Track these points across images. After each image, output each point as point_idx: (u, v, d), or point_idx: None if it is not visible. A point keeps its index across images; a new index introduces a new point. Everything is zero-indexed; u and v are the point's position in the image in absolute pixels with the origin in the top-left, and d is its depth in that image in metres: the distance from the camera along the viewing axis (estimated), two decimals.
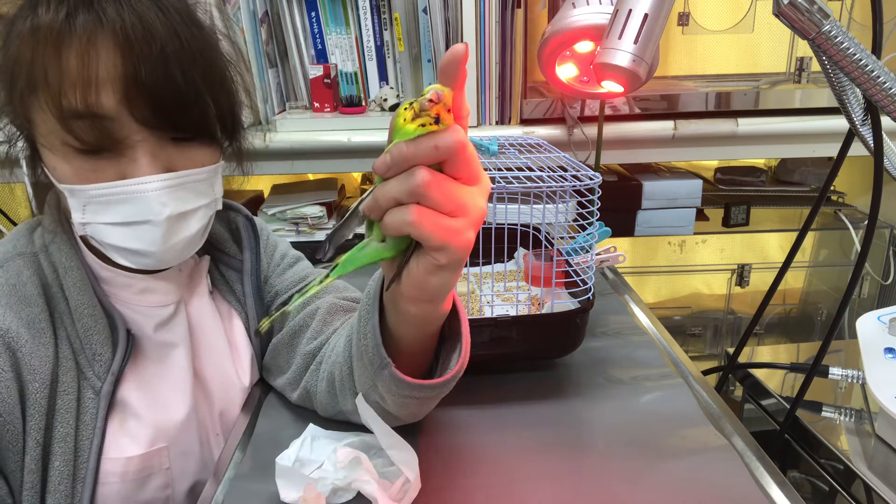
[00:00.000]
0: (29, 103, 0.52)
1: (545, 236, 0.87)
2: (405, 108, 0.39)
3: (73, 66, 0.49)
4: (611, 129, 1.18)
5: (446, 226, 0.40)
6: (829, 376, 0.81)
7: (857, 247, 1.40)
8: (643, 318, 0.89)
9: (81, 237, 0.61)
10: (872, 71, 0.60)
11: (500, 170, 0.71)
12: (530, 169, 0.72)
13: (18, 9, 0.52)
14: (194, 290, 0.68)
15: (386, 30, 1.23)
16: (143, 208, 0.53)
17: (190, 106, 0.53)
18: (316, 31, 1.24)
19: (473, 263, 0.84)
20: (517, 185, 0.67)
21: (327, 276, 0.45)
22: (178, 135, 0.55)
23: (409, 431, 0.64)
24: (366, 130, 1.21)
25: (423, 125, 0.38)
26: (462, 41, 1.12)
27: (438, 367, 0.55)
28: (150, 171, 0.53)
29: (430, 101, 0.37)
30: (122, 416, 0.60)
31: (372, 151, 1.20)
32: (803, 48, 1.21)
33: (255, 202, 1.39)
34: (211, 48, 0.55)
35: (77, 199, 0.54)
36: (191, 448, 0.64)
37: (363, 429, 0.63)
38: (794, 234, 0.84)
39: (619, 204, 1.30)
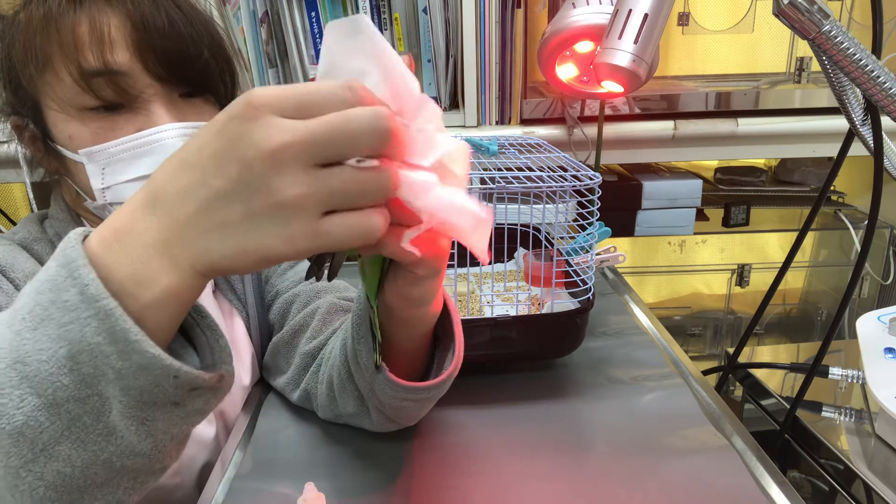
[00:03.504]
0: (40, 82, 0.55)
1: (545, 236, 0.87)
2: None
3: (86, 31, 0.54)
4: (611, 129, 1.18)
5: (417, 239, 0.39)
6: (829, 376, 0.81)
7: (857, 247, 1.40)
8: (643, 318, 0.89)
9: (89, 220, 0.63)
10: (872, 71, 0.60)
11: (500, 170, 0.71)
12: (530, 169, 0.72)
13: (21, 4, 0.56)
14: None
15: (386, 30, 1.23)
16: (166, 157, 0.56)
17: (195, 59, 0.58)
18: (316, 31, 1.24)
19: (473, 263, 0.83)
20: (517, 185, 0.67)
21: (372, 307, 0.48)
22: (187, 89, 0.59)
23: (409, 431, 0.64)
24: None
25: None
26: (462, 41, 1.12)
27: (434, 367, 0.55)
28: (168, 121, 0.57)
29: None
30: None
31: None
32: (803, 48, 1.21)
33: None
34: (203, 13, 0.61)
35: (96, 164, 0.56)
36: (201, 437, 0.64)
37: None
38: (794, 234, 0.84)
39: (619, 204, 1.30)
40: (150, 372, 0.33)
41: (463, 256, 0.72)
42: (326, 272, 0.43)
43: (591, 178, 0.67)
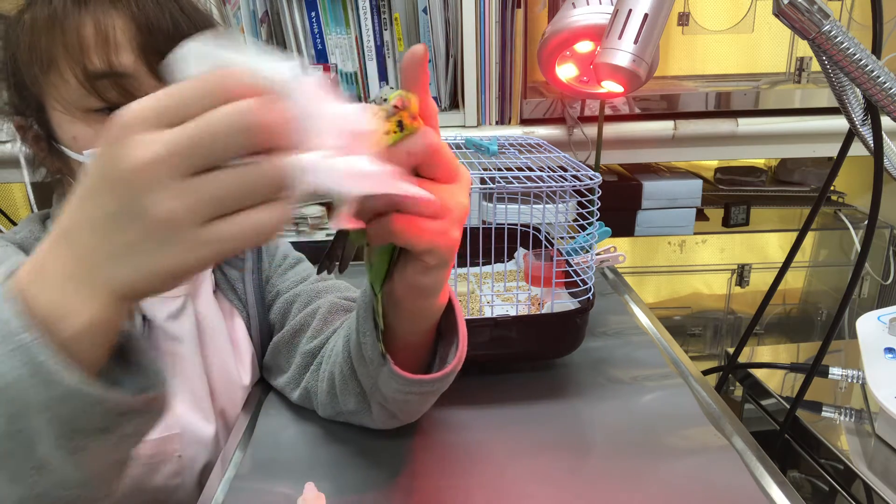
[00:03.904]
0: (45, 82, 0.55)
1: (545, 236, 0.87)
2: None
3: (91, 33, 0.54)
4: (611, 129, 1.18)
5: (429, 229, 0.39)
6: (829, 376, 0.81)
7: (857, 247, 1.40)
8: (643, 318, 0.89)
9: None
10: (872, 71, 0.60)
11: (500, 170, 0.71)
12: (530, 169, 0.72)
13: (25, 5, 0.56)
14: (200, 286, 0.68)
15: (386, 30, 1.23)
16: None
17: None
18: (316, 31, 1.24)
19: (473, 263, 0.84)
20: (517, 185, 0.67)
21: (376, 296, 0.47)
22: None
23: (410, 431, 0.64)
24: None
25: (386, 133, 0.37)
26: (462, 41, 1.12)
27: (436, 362, 0.55)
28: None
29: (396, 107, 0.37)
30: None
31: None
32: (803, 48, 1.21)
33: None
34: (206, 16, 0.61)
35: None
36: (203, 440, 0.64)
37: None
38: (794, 234, 0.84)
39: (619, 204, 1.30)
40: (74, 400, 0.34)
41: (463, 256, 0.72)
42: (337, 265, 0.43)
43: (591, 178, 0.67)
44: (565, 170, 0.70)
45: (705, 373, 0.92)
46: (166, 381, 0.40)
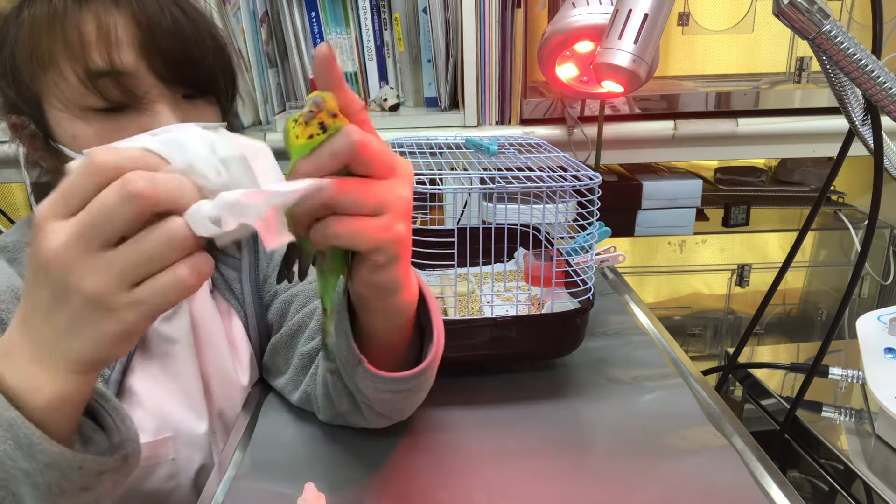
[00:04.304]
0: (43, 81, 0.55)
1: (545, 236, 0.87)
2: (292, 126, 0.37)
3: (93, 30, 0.54)
4: (611, 129, 1.18)
5: (370, 227, 0.39)
6: (829, 376, 0.81)
7: (857, 247, 1.40)
8: (643, 318, 0.89)
9: None
10: (872, 71, 0.60)
11: (500, 170, 0.71)
12: (530, 169, 0.72)
13: (22, 2, 0.56)
14: None
15: (386, 30, 1.23)
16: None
17: (199, 61, 0.58)
18: (316, 31, 1.24)
19: (473, 263, 0.83)
20: (517, 185, 0.67)
21: (325, 311, 0.47)
22: (190, 91, 0.59)
23: (409, 431, 0.64)
24: None
25: (311, 136, 0.37)
26: (462, 41, 1.12)
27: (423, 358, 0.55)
28: (173, 121, 0.57)
29: (311, 111, 0.36)
30: (129, 404, 0.61)
31: None
32: (803, 48, 1.21)
33: None
34: (206, 16, 0.61)
35: None
36: (196, 440, 0.64)
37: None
38: (794, 234, 0.84)
39: (619, 204, 1.30)
40: (55, 467, 0.38)
41: (463, 256, 0.72)
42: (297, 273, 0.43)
43: (591, 178, 0.67)
44: (565, 170, 0.70)
45: (705, 373, 0.92)
46: (138, 437, 0.45)
